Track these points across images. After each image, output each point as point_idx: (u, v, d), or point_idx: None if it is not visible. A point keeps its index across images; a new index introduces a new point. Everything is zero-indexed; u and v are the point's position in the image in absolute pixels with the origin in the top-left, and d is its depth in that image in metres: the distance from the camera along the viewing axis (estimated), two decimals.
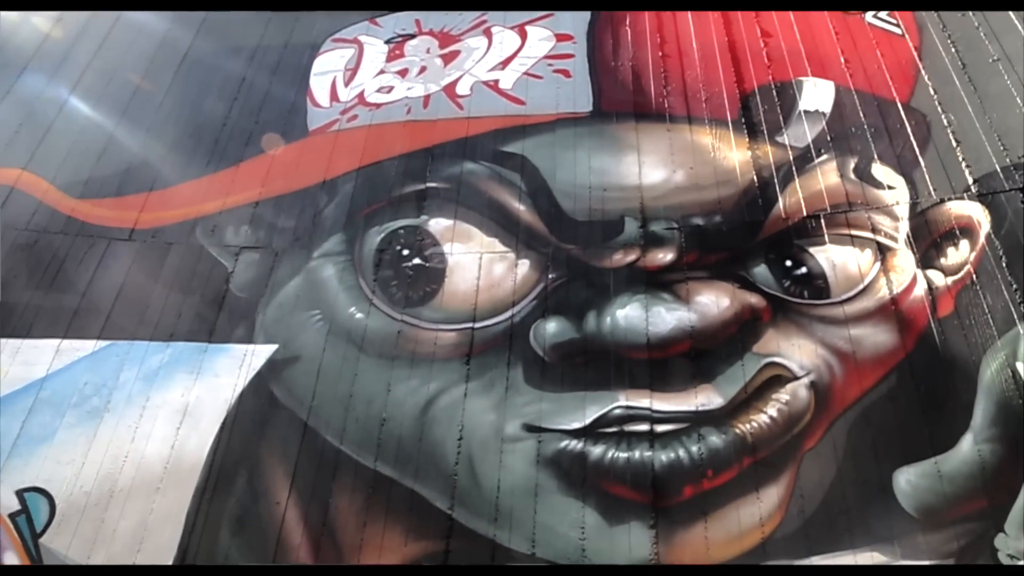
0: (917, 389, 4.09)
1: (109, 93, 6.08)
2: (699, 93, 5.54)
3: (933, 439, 3.93)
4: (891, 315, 4.34)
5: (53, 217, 5.34)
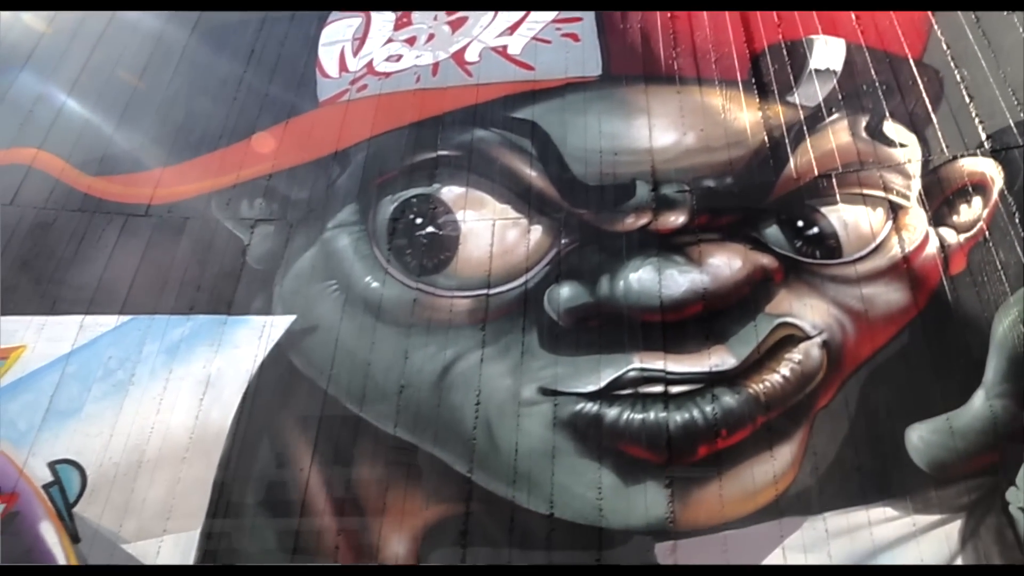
0: (929, 347, 4.10)
1: (120, 68, 6.10)
2: (709, 54, 5.49)
3: (945, 396, 3.94)
4: (903, 273, 4.33)
5: (70, 195, 5.41)
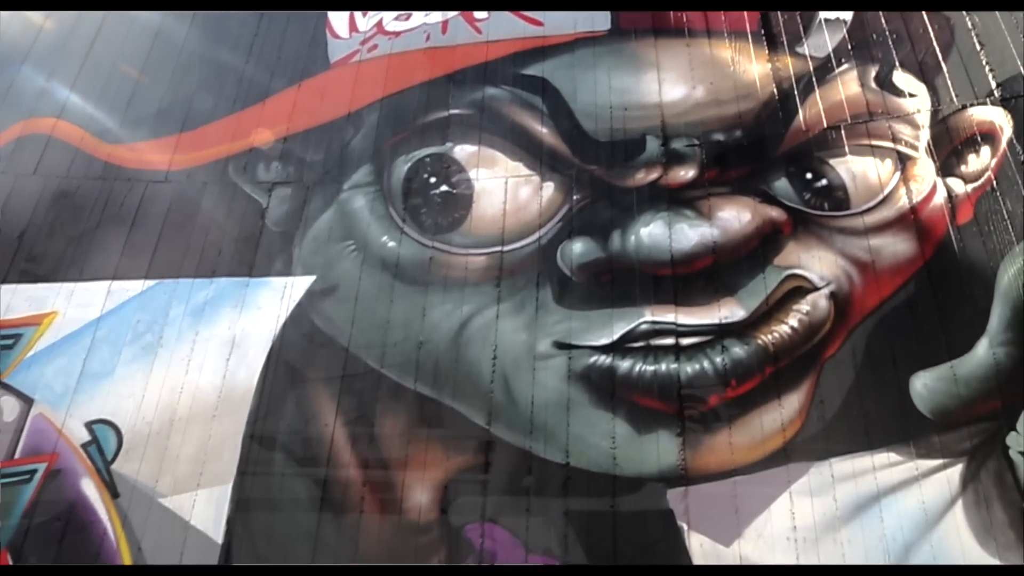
0: (935, 296, 4.15)
1: (131, 38, 6.13)
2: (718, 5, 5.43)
3: (949, 344, 4.00)
4: (910, 224, 4.36)
5: (91, 163, 5.51)
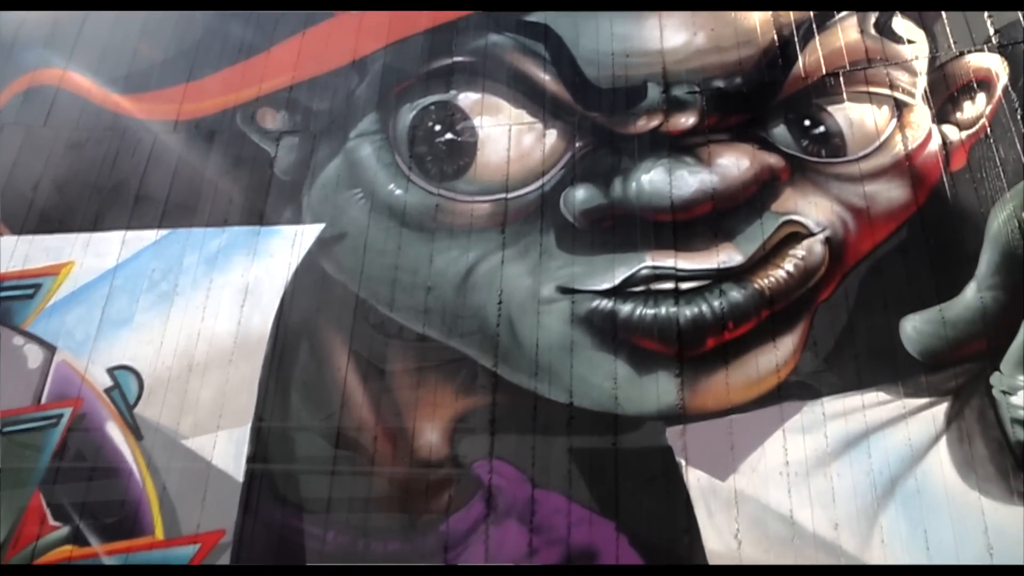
0: (927, 241, 4.25)
1: None
2: None
3: (939, 288, 4.12)
4: (905, 171, 4.45)
5: (100, 115, 5.56)
